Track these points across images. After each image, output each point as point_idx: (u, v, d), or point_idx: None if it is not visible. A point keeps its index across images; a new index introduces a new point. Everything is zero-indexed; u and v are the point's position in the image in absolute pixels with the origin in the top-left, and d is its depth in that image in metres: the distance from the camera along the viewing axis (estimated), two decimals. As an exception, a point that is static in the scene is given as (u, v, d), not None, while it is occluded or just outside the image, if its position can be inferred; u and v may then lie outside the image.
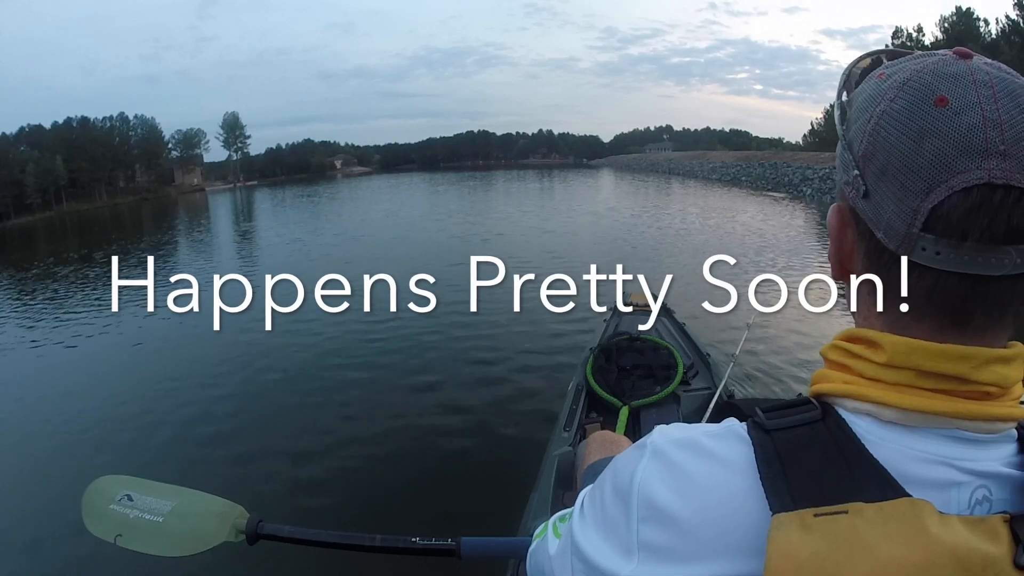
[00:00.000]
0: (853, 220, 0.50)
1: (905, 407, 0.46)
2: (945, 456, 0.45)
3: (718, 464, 0.47)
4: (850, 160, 0.49)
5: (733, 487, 0.45)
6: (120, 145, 77.42)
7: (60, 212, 59.63)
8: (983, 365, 0.46)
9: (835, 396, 0.49)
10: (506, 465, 3.77)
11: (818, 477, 0.44)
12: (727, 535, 0.44)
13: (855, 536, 0.40)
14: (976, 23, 38.80)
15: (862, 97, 0.50)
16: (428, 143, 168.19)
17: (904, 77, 0.47)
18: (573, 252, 12.46)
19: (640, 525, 0.48)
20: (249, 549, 1.36)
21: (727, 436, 0.49)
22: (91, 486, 1.43)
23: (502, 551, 1.42)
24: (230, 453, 4.42)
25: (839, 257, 0.53)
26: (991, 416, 0.46)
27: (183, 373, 6.30)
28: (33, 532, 3.56)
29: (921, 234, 0.44)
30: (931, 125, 0.43)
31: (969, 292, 0.45)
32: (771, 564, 0.41)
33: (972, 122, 0.42)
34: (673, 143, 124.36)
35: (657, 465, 0.49)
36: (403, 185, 49.25)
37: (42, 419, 5.35)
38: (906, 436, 0.46)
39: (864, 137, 0.47)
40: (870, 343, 0.49)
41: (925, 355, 0.46)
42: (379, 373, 5.87)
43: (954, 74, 0.45)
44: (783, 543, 0.41)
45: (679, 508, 0.46)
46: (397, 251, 13.91)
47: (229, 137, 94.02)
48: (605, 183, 42.64)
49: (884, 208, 0.46)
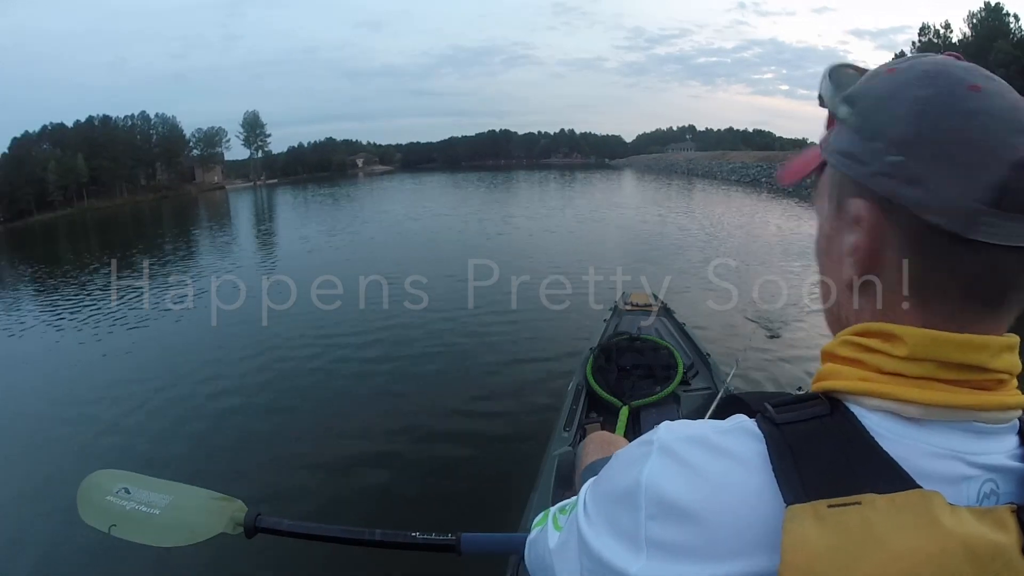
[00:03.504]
0: (884, 213, 0.48)
1: (928, 402, 0.45)
2: (956, 450, 0.45)
3: (730, 460, 0.46)
4: (881, 148, 0.47)
5: (747, 483, 0.44)
6: (141, 143, 78.02)
7: (81, 209, 60.39)
8: (998, 353, 0.46)
9: (849, 393, 0.48)
10: (506, 464, 3.79)
11: (830, 470, 0.43)
12: (742, 532, 0.43)
13: (868, 528, 0.40)
14: (1006, 18, 38.08)
15: (879, 89, 0.49)
16: (450, 142, 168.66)
17: (925, 69, 0.47)
18: (572, 253, 12.46)
19: (648, 522, 0.47)
20: (248, 543, 1.36)
21: (737, 432, 0.48)
22: (87, 478, 1.43)
23: (502, 547, 1.40)
24: (230, 449, 4.47)
25: (868, 256, 0.50)
26: (1005, 405, 0.46)
27: (184, 371, 6.38)
28: (29, 526, 3.64)
29: (989, 210, 0.43)
30: (976, 106, 0.44)
31: (1017, 269, 0.45)
32: (786, 557, 0.40)
33: (1008, 104, 0.44)
34: (695, 143, 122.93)
35: (665, 461, 0.48)
36: (424, 186, 49.10)
37: (42, 413, 5.48)
38: (918, 431, 0.45)
39: (904, 122, 0.46)
40: (887, 336, 0.48)
41: (950, 346, 0.45)
42: (381, 371, 5.90)
43: (968, 67, 0.47)
44: (798, 535, 0.41)
45: (691, 505, 0.45)
46: (406, 253, 13.97)
47: (249, 136, 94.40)
48: (614, 185, 42.33)
49: (943, 190, 0.44)
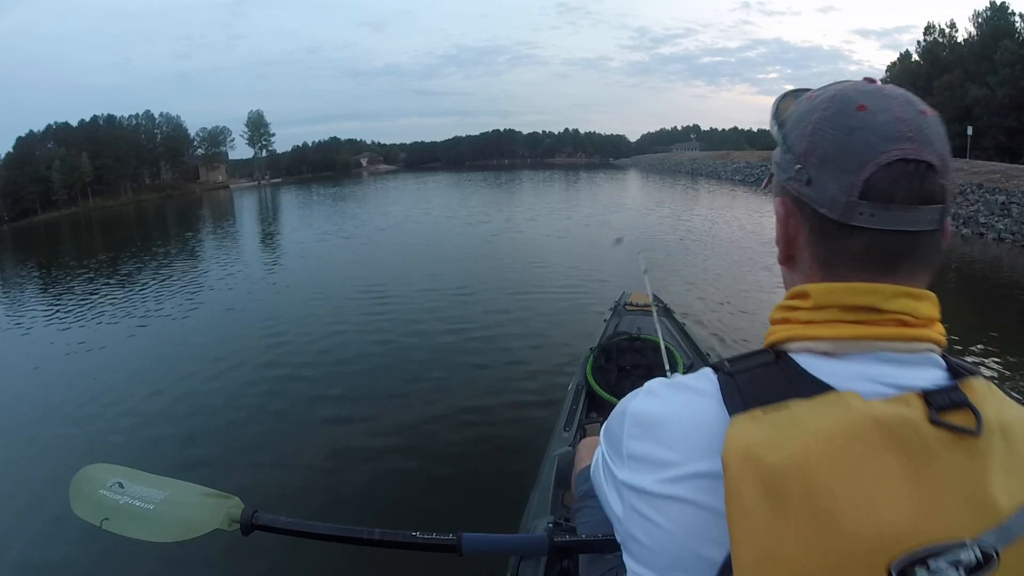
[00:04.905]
0: (796, 207, 0.63)
1: (832, 337, 0.58)
2: (869, 375, 0.56)
3: (690, 392, 0.60)
4: (791, 159, 0.62)
5: (700, 404, 0.58)
6: (146, 143, 78.04)
7: (85, 208, 60.59)
8: (892, 297, 0.58)
9: (781, 342, 0.61)
10: (507, 464, 3.79)
11: (766, 390, 0.56)
12: (695, 441, 0.56)
13: (794, 419, 0.52)
14: (1011, 18, 37.86)
15: (797, 113, 0.64)
16: (454, 142, 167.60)
17: (830, 94, 0.61)
18: (573, 253, 12.46)
19: (628, 440, 0.63)
20: (244, 540, 1.36)
21: (699, 376, 0.62)
22: (81, 471, 1.43)
23: (503, 547, 1.41)
24: (228, 446, 4.47)
25: (786, 241, 0.65)
26: (907, 336, 0.58)
27: (184, 368, 6.39)
28: (21, 519, 3.66)
29: (859, 201, 0.57)
30: (857, 122, 0.57)
31: (899, 245, 0.58)
32: (728, 447, 0.52)
33: (886, 119, 0.57)
34: (700, 143, 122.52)
35: (646, 397, 0.64)
36: (428, 185, 48.98)
37: (40, 409, 5.51)
38: (836, 362, 0.57)
39: (804, 138, 0.61)
40: (803, 295, 0.62)
41: (842, 293, 0.59)
42: (382, 371, 5.90)
43: (867, 90, 0.60)
44: (737, 431, 0.53)
45: (656, 421, 0.60)
46: (408, 253, 13.97)
47: (254, 135, 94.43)
48: (619, 185, 42.20)
49: (827, 188, 0.58)
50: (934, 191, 0.57)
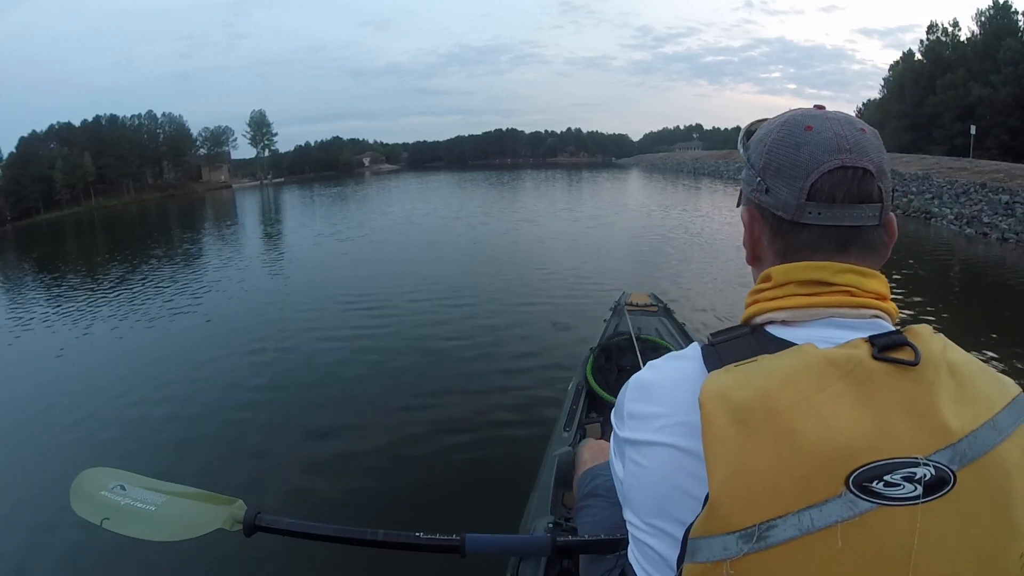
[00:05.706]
0: (759, 213, 0.76)
1: (791, 307, 0.70)
2: (826, 336, 0.66)
3: (678, 359, 0.74)
4: (754, 174, 0.75)
5: (686, 368, 0.70)
6: (148, 142, 77.72)
7: (88, 207, 60.40)
8: (839, 272, 0.69)
9: (752, 316, 0.73)
10: (506, 464, 3.79)
11: (740, 352, 0.66)
12: (681, 396, 0.67)
13: (759, 367, 0.62)
14: (1014, 16, 37.69)
15: (757, 136, 0.78)
16: (456, 141, 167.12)
17: (784, 119, 0.75)
18: (574, 254, 12.45)
19: (629, 403, 0.75)
20: (247, 542, 1.36)
21: (688, 348, 0.75)
22: (81, 474, 1.43)
23: (506, 548, 1.42)
24: (232, 449, 4.45)
25: (752, 243, 0.79)
26: (854, 304, 0.69)
27: (186, 369, 6.38)
28: (21, 520, 3.63)
29: (807, 203, 0.70)
30: (804, 139, 0.71)
31: (846, 238, 0.70)
32: (703, 392, 0.62)
33: (828, 136, 0.70)
34: (702, 142, 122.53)
35: (647, 369, 0.77)
36: (430, 185, 48.80)
37: (41, 411, 5.48)
38: (799, 329, 0.69)
39: (762, 156, 0.74)
40: (767, 278, 0.74)
41: (797, 270, 0.71)
42: (382, 371, 5.89)
43: (814, 114, 0.73)
44: (711, 380, 0.63)
45: (652, 384, 0.73)
46: (409, 253, 13.97)
47: (256, 135, 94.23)
48: (621, 184, 42.13)
49: (781, 194, 0.72)
50: (871, 192, 0.69)
